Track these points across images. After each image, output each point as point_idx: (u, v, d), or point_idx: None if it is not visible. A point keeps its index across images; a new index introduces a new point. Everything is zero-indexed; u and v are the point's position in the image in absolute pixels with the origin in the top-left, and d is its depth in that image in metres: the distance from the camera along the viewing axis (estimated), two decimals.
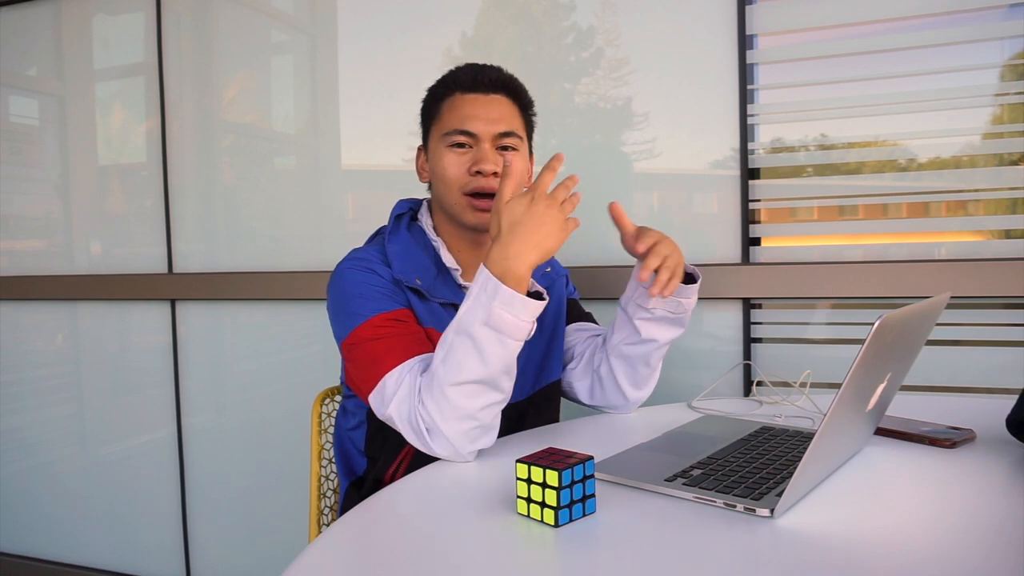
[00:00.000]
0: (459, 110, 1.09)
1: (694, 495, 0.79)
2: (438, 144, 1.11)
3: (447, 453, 0.94)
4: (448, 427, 0.92)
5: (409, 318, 1.05)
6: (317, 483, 1.30)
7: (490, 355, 0.91)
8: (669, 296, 1.06)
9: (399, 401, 0.95)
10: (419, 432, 0.93)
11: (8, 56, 2.21)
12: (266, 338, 1.98)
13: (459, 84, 1.11)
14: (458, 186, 1.09)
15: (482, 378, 0.91)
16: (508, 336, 0.91)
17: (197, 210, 2.02)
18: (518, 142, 1.11)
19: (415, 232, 1.14)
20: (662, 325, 1.13)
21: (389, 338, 1.00)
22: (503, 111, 1.10)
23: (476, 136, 1.08)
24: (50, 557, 2.27)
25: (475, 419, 0.93)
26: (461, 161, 1.09)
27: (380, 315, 1.02)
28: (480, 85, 1.10)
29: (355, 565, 0.69)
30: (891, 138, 1.50)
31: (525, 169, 1.14)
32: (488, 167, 1.07)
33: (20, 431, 2.30)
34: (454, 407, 0.91)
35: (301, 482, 1.86)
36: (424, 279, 1.08)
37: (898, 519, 0.74)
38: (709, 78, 1.56)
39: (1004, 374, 1.44)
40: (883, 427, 1.01)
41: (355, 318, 1.03)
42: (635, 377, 1.17)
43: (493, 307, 0.90)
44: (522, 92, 1.15)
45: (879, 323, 0.67)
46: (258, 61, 1.98)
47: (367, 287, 1.05)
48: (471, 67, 1.13)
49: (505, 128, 1.09)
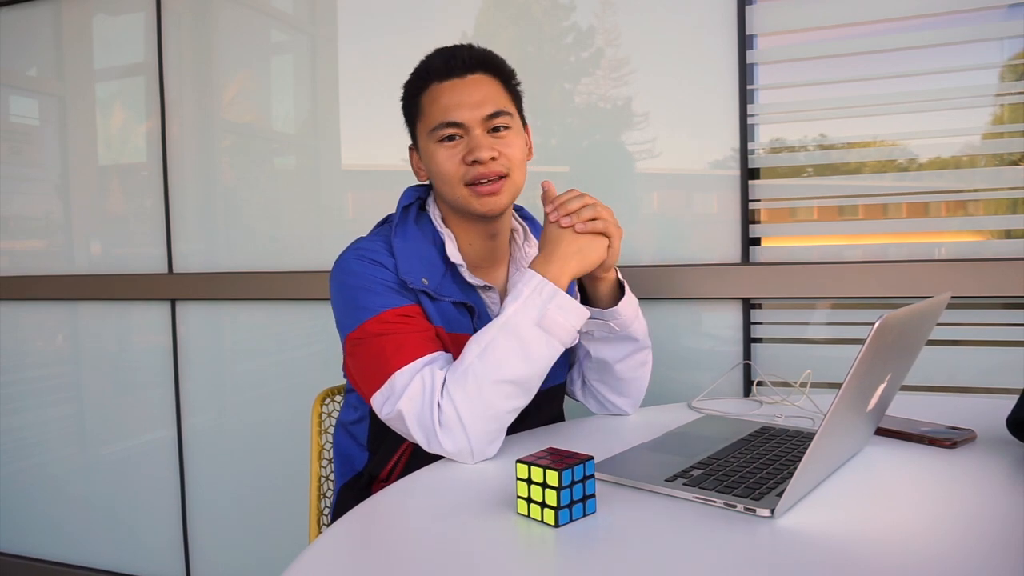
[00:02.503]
0: (439, 101, 1.05)
1: (694, 495, 0.79)
2: (427, 141, 1.07)
3: (457, 450, 0.92)
4: (474, 425, 0.91)
5: (418, 314, 1.02)
6: (317, 483, 1.30)
7: (535, 355, 0.92)
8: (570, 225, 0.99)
9: (409, 399, 0.93)
10: (430, 428, 0.92)
11: (8, 56, 2.21)
12: (266, 338, 1.98)
13: (433, 73, 1.06)
14: (457, 179, 1.05)
15: (521, 377, 0.92)
16: (556, 339, 0.93)
17: (197, 210, 2.02)
18: (508, 119, 1.06)
19: (423, 224, 1.11)
20: (612, 343, 1.11)
21: (399, 335, 0.98)
22: (485, 91, 1.05)
23: (464, 125, 1.04)
24: (50, 557, 2.27)
25: (500, 421, 0.93)
26: (454, 154, 1.05)
27: (390, 311, 1.00)
28: (455, 69, 1.05)
29: (355, 565, 0.69)
30: (891, 138, 1.50)
31: (523, 146, 1.09)
32: (484, 154, 1.03)
33: (20, 431, 2.30)
34: (488, 405, 0.91)
35: (301, 482, 1.86)
36: (432, 278, 1.05)
37: (898, 519, 0.74)
38: (709, 78, 1.56)
39: (1004, 374, 1.44)
40: (883, 427, 1.01)
41: (363, 312, 1.00)
42: (613, 386, 1.17)
43: (548, 309, 0.92)
44: (500, 64, 1.09)
45: (879, 323, 0.67)
46: (258, 61, 1.98)
47: (374, 280, 1.02)
48: (441, 52, 1.08)
49: (492, 109, 1.05)
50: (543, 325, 0.92)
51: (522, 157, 1.08)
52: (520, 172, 1.08)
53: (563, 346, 0.95)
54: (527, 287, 0.94)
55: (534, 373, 0.93)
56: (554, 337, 0.93)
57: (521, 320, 0.92)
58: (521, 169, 1.08)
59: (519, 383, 0.93)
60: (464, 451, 0.93)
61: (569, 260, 0.97)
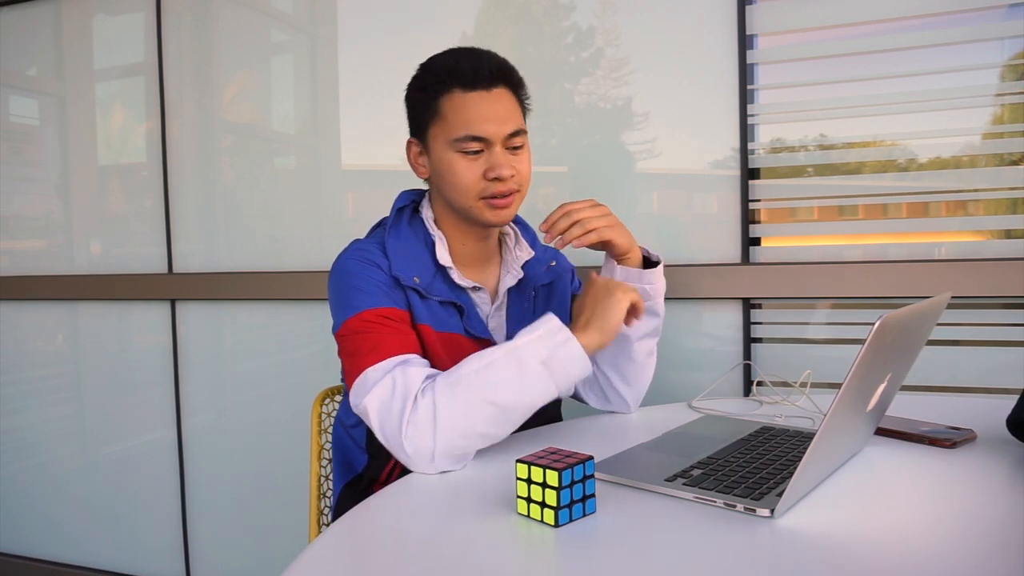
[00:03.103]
0: (464, 111, 1.04)
1: (694, 495, 0.79)
2: (444, 148, 1.06)
3: (417, 450, 0.91)
4: (447, 432, 0.91)
5: (402, 318, 1.04)
6: (317, 483, 1.30)
7: (530, 389, 0.93)
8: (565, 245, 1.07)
9: (377, 396, 0.94)
10: (396, 425, 0.92)
11: (8, 56, 2.21)
12: (266, 338, 1.98)
13: (458, 78, 1.04)
14: (475, 192, 1.06)
15: (509, 405, 0.92)
16: (554, 382, 0.94)
17: (197, 210, 2.02)
18: (524, 138, 1.09)
19: (416, 226, 1.13)
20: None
21: (377, 334, 1.00)
22: (508, 107, 1.06)
23: (487, 140, 1.05)
24: (50, 557, 2.27)
25: (469, 440, 0.93)
26: (475, 167, 1.05)
27: (372, 310, 1.02)
28: (482, 80, 1.04)
29: (355, 565, 0.69)
30: (891, 138, 1.50)
31: (531, 159, 1.11)
32: (506, 172, 1.04)
33: (20, 431, 2.30)
34: (468, 418, 0.91)
35: (301, 482, 1.86)
36: (423, 277, 1.07)
37: (898, 519, 0.74)
38: (709, 78, 1.56)
39: (1004, 374, 1.44)
40: (883, 427, 1.01)
41: (348, 310, 1.03)
42: (624, 371, 1.18)
43: (558, 352, 0.93)
44: (518, 78, 1.10)
45: (879, 323, 0.67)
46: (258, 61, 1.98)
47: (365, 280, 1.04)
48: (467, 56, 1.06)
49: (514, 127, 1.06)
50: (548, 364, 0.93)
51: (530, 172, 1.11)
52: (527, 186, 1.12)
53: (558, 392, 0.95)
54: (544, 327, 0.95)
55: (522, 405, 0.94)
56: (553, 380, 0.94)
57: (529, 352, 0.93)
58: (528, 183, 1.12)
59: (504, 409, 0.93)
60: (425, 454, 0.91)
61: (590, 327, 0.99)
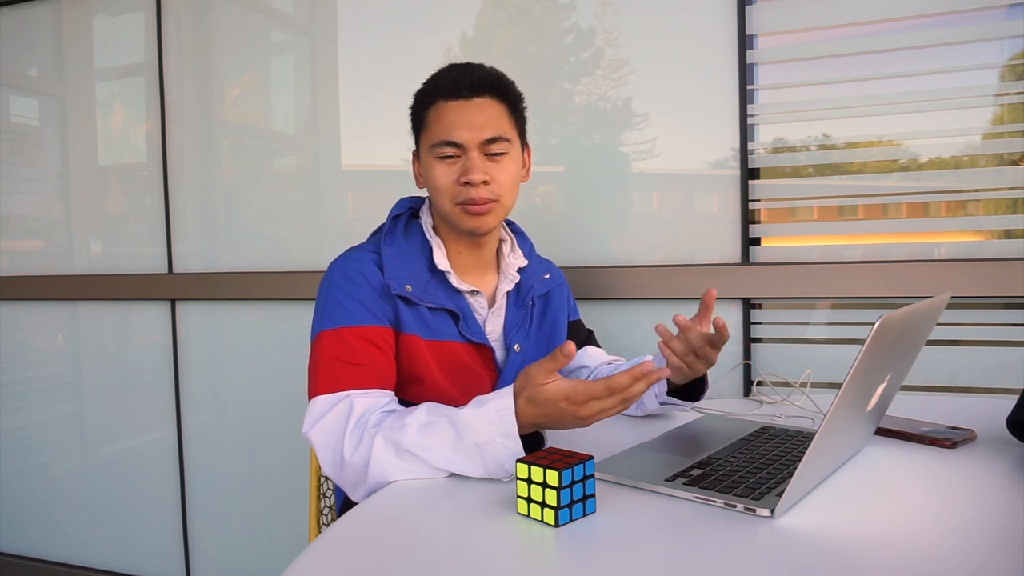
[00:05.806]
0: (443, 119, 1.07)
1: (694, 495, 0.79)
2: (428, 154, 1.10)
3: (351, 489, 0.94)
4: (376, 477, 0.91)
5: (381, 336, 1.04)
6: (317, 483, 1.30)
7: (457, 463, 0.89)
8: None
9: (323, 430, 0.96)
10: (336, 463, 0.94)
11: (8, 56, 2.21)
12: (266, 338, 1.98)
13: (441, 91, 1.08)
14: (449, 197, 1.08)
15: (437, 465, 0.90)
16: (482, 464, 0.89)
17: (197, 210, 2.02)
18: (506, 145, 1.09)
19: (412, 233, 1.14)
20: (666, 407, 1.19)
21: (341, 363, 1.00)
22: (489, 114, 1.08)
23: (462, 145, 1.06)
24: (50, 557, 2.27)
25: (378, 482, 0.92)
26: (450, 171, 1.08)
27: (349, 328, 1.02)
28: (462, 90, 1.07)
29: (355, 565, 0.69)
30: (891, 138, 1.50)
31: (516, 171, 1.12)
32: (476, 177, 1.06)
33: (20, 431, 2.30)
34: (397, 469, 0.90)
35: (301, 482, 1.86)
36: (416, 284, 1.08)
37: (898, 519, 0.74)
38: (709, 78, 1.56)
39: (1004, 374, 1.44)
40: (883, 427, 1.01)
41: (325, 320, 1.04)
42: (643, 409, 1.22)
43: (497, 442, 0.88)
44: (508, 89, 1.11)
45: (879, 323, 0.67)
46: (258, 61, 1.98)
47: (347, 296, 1.05)
48: (452, 70, 1.10)
49: (492, 133, 1.07)
50: (483, 449, 0.88)
51: (514, 182, 1.12)
52: (510, 196, 1.11)
53: (481, 473, 0.89)
54: (497, 411, 0.89)
55: (448, 469, 0.90)
56: (483, 464, 0.88)
57: (468, 430, 0.89)
58: (512, 193, 1.12)
59: (430, 468, 0.90)
60: (358, 493, 0.94)
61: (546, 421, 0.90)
